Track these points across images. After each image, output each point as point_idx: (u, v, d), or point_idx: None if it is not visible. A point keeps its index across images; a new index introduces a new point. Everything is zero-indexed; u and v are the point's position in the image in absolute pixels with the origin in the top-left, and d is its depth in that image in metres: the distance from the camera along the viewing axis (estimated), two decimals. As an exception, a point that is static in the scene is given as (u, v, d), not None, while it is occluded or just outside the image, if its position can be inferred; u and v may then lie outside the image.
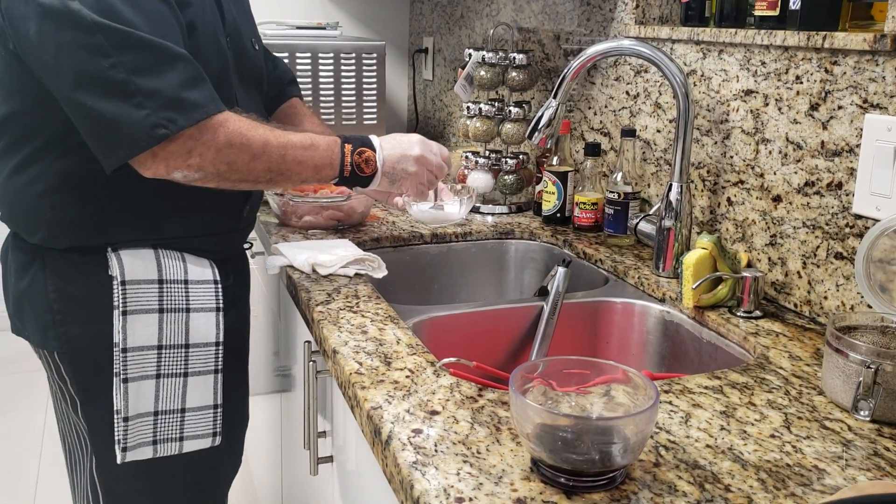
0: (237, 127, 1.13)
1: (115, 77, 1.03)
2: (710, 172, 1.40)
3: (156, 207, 1.21)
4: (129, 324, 1.18)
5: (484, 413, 0.88)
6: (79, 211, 1.17)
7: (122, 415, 1.18)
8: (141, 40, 1.05)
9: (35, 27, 1.03)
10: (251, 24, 1.40)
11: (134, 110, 1.04)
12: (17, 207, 1.19)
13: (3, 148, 1.17)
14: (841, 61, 1.13)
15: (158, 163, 1.09)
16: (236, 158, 1.13)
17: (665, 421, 0.88)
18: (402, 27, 3.03)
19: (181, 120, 1.06)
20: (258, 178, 1.18)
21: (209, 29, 1.19)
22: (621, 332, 1.35)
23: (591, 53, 1.31)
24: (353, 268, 1.33)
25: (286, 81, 1.56)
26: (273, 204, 1.63)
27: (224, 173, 1.14)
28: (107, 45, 1.03)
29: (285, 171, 1.20)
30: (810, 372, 1.01)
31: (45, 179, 1.16)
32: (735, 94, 1.33)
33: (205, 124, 1.09)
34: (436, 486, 0.74)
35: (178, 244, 1.24)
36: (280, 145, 1.18)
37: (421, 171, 1.33)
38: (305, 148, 1.21)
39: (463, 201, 1.53)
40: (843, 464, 0.80)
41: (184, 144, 1.08)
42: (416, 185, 1.34)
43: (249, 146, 1.14)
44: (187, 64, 1.09)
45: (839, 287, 1.15)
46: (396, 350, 1.04)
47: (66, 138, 1.13)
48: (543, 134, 1.35)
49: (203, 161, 1.11)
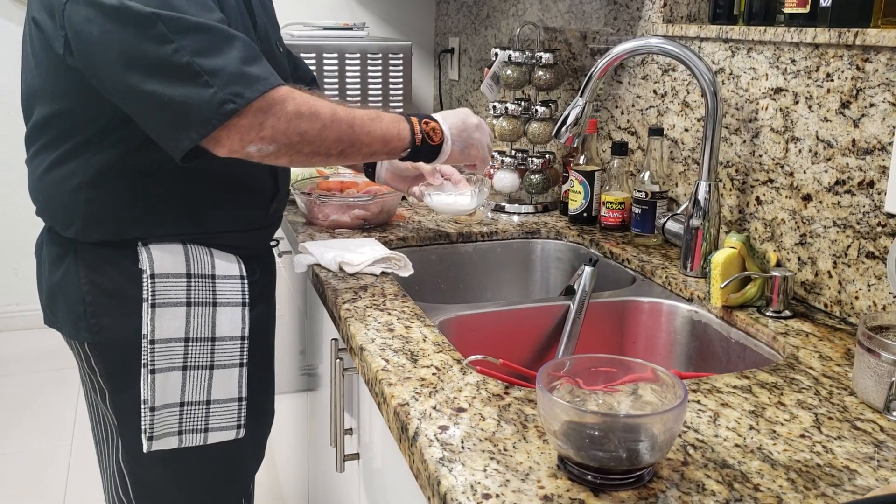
0: (304, 98, 1.15)
1: (179, 61, 1.06)
2: (739, 171, 1.39)
3: (186, 203, 1.23)
4: (157, 316, 1.20)
5: (510, 411, 0.88)
6: (112, 206, 1.20)
7: (149, 405, 1.21)
8: (197, 24, 1.07)
9: (98, 28, 1.07)
10: (276, 26, 1.43)
11: (201, 90, 1.06)
12: (52, 202, 1.22)
13: (43, 145, 1.21)
14: (873, 58, 1.11)
15: (233, 137, 1.10)
16: (308, 128, 1.14)
17: (693, 420, 0.87)
18: (428, 27, 3.04)
19: (248, 93, 1.08)
20: (329, 148, 1.18)
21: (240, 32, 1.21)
22: (648, 331, 1.34)
23: (618, 52, 1.30)
24: (380, 266, 1.34)
25: (307, 81, 1.59)
26: (300, 203, 1.64)
27: (296, 144, 1.14)
28: (167, 32, 1.05)
29: (355, 142, 1.20)
30: (841, 372, 1.00)
31: (81, 175, 1.18)
32: (764, 93, 1.32)
33: (272, 96, 1.11)
34: (463, 483, 0.74)
35: (206, 240, 1.26)
36: (348, 115, 1.19)
37: (483, 137, 1.37)
38: (372, 119, 1.23)
39: (475, 193, 1.54)
40: (875, 464, 0.79)
41: (255, 118, 1.10)
42: (482, 151, 1.37)
43: (319, 115, 1.15)
44: (244, 43, 1.11)
45: (870, 287, 1.13)
46: (423, 348, 1.05)
47: (105, 136, 1.16)
48: (570, 133, 1.35)
49: (275, 132, 1.12)
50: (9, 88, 3.18)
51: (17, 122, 3.32)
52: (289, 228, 1.64)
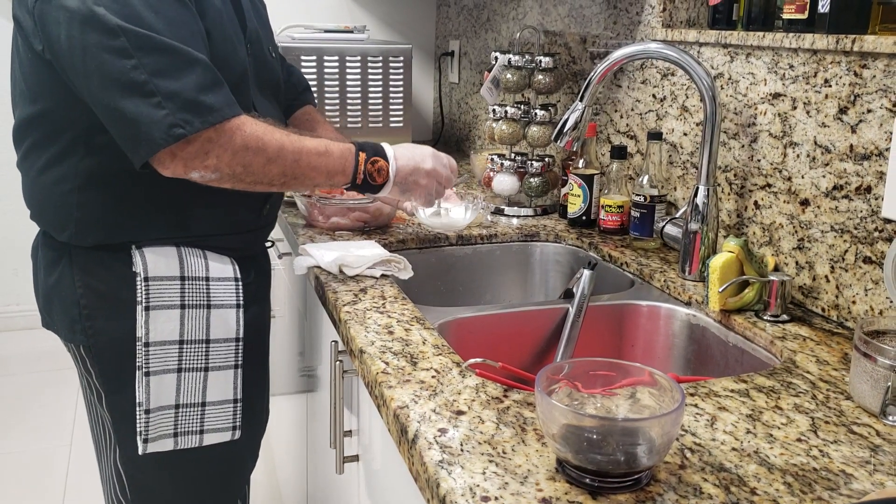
0: (253, 131, 1.16)
1: (137, 78, 1.07)
2: (737, 176, 1.39)
3: (179, 206, 1.24)
4: (151, 319, 1.21)
5: (509, 413, 0.88)
6: (105, 209, 1.21)
7: (144, 407, 1.22)
8: (162, 44, 1.08)
9: (65, 31, 1.08)
10: (269, 32, 1.43)
11: (154, 110, 1.08)
12: (45, 206, 1.23)
13: (30, 147, 1.22)
14: (870, 64, 1.12)
15: (177, 162, 1.12)
16: (252, 161, 1.16)
17: (691, 423, 0.88)
18: (429, 31, 3.04)
19: (197, 122, 1.10)
20: (272, 181, 1.21)
21: (229, 37, 1.22)
22: (647, 335, 1.35)
23: (617, 56, 1.31)
24: (380, 269, 1.35)
25: (300, 89, 1.60)
26: (300, 205, 1.65)
27: (239, 175, 1.17)
28: (129, 48, 1.06)
29: (299, 176, 1.23)
30: (838, 377, 1.01)
31: (73, 178, 1.19)
32: (763, 98, 1.32)
33: (222, 127, 1.12)
34: (462, 485, 0.75)
35: (199, 242, 1.27)
36: (295, 150, 1.21)
37: (430, 183, 1.39)
38: (320, 154, 1.25)
39: (468, 208, 1.56)
40: (871, 468, 0.80)
41: (202, 146, 1.12)
42: (425, 195, 1.40)
43: (265, 150, 1.17)
44: (205, 68, 1.12)
45: (868, 291, 1.14)
46: (422, 350, 1.05)
47: (92, 137, 1.17)
48: (569, 137, 1.35)
49: (220, 163, 1.14)
50: (8, 89, 3.18)
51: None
52: (289, 230, 1.65)
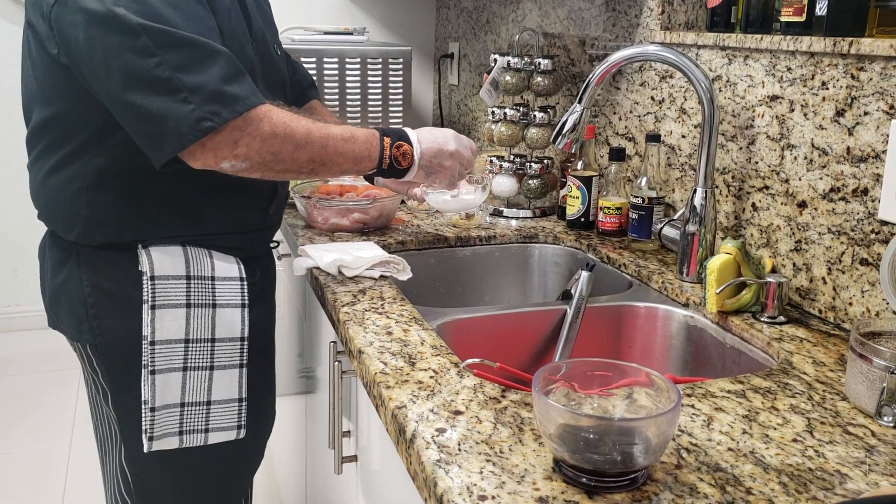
0: (281, 118, 1.17)
1: (161, 75, 1.07)
2: (735, 178, 1.40)
3: (185, 206, 1.24)
4: (157, 318, 1.21)
5: (507, 414, 0.89)
6: (113, 209, 1.21)
7: (150, 405, 1.22)
8: (183, 38, 1.09)
9: (83, 33, 1.08)
10: (274, 31, 1.44)
11: (180, 105, 1.08)
12: (53, 206, 1.24)
13: (42, 149, 1.22)
14: (867, 67, 1.12)
15: (207, 154, 1.12)
16: (281, 148, 1.17)
17: (687, 424, 0.88)
18: (429, 33, 3.05)
19: (225, 112, 1.10)
20: (301, 167, 1.21)
21: (236, 36, 1.23)
22: (644, 336, 1.35)
23: (616, 59, 1.32)
24: (379, 270, 1.35)
25: (305, 85, 1.60)
26: (300, 206, 1.65)
27: (269, 163, 1.17)
28: (151, 45, 1.07)
29: (327, 162, 1.24)
30: (834, 378, 1.01)
31: (81, 178, 1.20)
32: (760, 100, 1.33)
33: (249, 116, 1.13)
34: (459, 485, 0.75)
35: (205, 241, 1.27)
36: (322, 136, 1.22)
37: (454, 164, 1.39)
38: (346, 140, 1.25)
39: (478, 189, 1.57)
40: (866, 469, 0.80)
41: (230, 135, 1.12)
42: (449, 177, 1.40)
43: (293, 136, 1.18)
44: (228, 59, 1.13)
45: (864, 293, 1.15)
46: (421, 351, 1.06)
47: (103, 139, 1.17)
48: (568, 139, 1.36)
49: (249, 151, 1.14)
50: (8, 89, 3.18)
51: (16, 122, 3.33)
52: (288, 231, 1.65)
